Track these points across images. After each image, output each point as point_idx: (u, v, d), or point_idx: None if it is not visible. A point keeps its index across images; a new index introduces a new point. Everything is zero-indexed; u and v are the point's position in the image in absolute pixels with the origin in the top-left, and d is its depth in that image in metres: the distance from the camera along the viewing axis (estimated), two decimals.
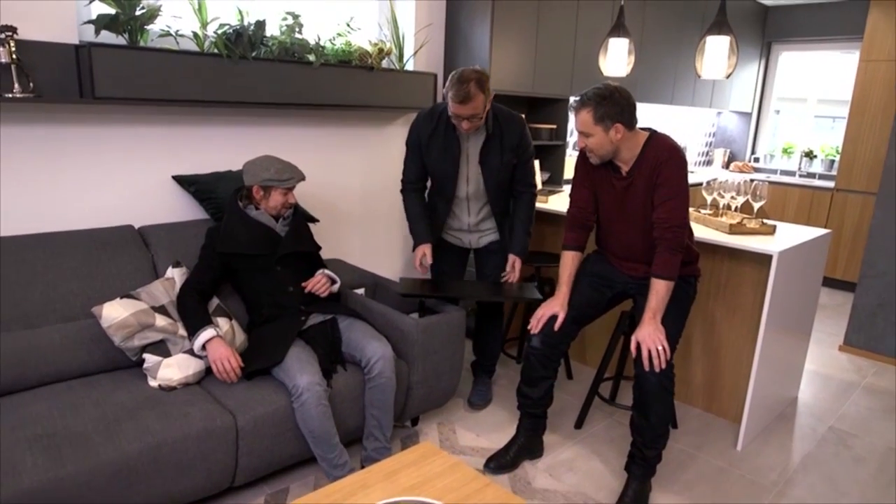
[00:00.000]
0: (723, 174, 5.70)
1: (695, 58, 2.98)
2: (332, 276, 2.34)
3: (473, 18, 3.21)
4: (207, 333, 2.00)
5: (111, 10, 2.08)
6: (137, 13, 2.12)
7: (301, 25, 2.59)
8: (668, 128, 5.54)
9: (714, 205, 2.87)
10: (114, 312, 1.96)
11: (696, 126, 5.98)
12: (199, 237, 2.28)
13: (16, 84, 1.93)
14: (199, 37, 2.35)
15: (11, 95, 1.92)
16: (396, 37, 3.00)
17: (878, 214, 3.49)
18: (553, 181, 3.96)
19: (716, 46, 2.85)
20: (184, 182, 2.47)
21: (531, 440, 2.39)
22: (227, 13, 2.47)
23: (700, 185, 3.16)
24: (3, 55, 1.90)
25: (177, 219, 2.52)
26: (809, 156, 5.64)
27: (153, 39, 2.30)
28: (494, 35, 3.20)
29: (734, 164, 5.99)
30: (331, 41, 2.77)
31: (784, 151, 5.90)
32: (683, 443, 2.57)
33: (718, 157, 6.13)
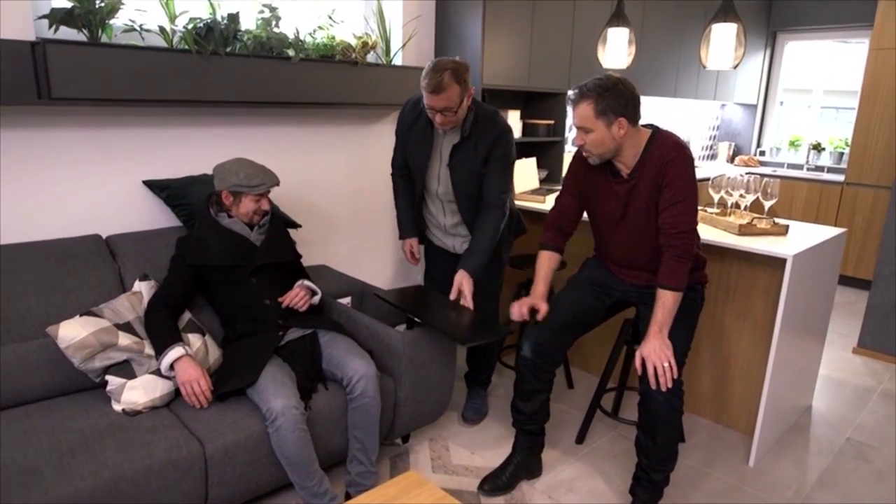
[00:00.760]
0: (728, 168, 5.51)
1: (700, 47, 2.81)
2: (313, 288, 2.18)
3: (465, 8, 3.04)
4: (175, 353, 1.84)
5: (68, 4, 1.92)
6: (97, 6, 1.96)
7: (279, 18, 2.43)
8: (671, 121, 5.36)
9: (722, 203, 2.70)
10: (72, 332, 1.81)
11: (700, 119, 5.79)
12: (172, 246, 2.12)
13: None
14: (167, 31, 2.19)
15: None
16: (383, 30, 2.83)
17: (894, 209, 3.31)
18: (551, 179, 3.79)
19: (722, 34, 2.69)
20: (155, 187, 2.32)
21: (528, 458, 2.23)
22: (198, 6, 2.30)
23: (706, 181, 2.98)
24: None
25: (148, 226, 2.36)
26: (817, 148, 5.45)
27: (117, 35, 2.14)
28: (487, 25, 3.02)
29: (739, 158, 5.81)
30: (311, 35, 2.61)
31: (791, 144, 5.72)
32: (692, 459, 2.41)
33: (723, 151, 5.94)
